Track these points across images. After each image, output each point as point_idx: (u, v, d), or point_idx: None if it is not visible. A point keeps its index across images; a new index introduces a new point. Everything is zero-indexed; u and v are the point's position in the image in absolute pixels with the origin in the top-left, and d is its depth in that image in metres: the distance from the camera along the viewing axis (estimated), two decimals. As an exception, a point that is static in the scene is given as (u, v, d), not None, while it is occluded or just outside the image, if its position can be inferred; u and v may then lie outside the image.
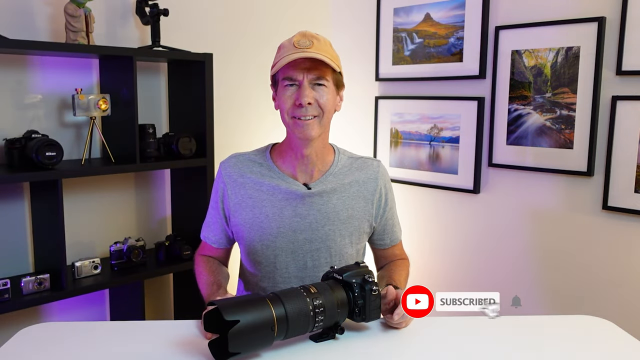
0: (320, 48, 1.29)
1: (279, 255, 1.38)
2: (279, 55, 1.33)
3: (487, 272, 2.32)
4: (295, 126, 1.31)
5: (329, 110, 1.33)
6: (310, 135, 1.31)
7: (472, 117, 2.29)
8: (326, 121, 1.34)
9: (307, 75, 1.28)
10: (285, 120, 1.34)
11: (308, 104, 1.28)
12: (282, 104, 1.32)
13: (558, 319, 1.34)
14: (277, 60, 1.32)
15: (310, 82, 1.29)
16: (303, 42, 1.29)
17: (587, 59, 1.95)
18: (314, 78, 1.29)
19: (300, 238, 1.37)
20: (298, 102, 1.28)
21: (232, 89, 2.47)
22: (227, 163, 1.44)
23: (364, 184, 1.43)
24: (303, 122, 1.30)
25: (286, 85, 1.31)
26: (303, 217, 1.37)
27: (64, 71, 1.99)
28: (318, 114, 1.31)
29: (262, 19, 2.56)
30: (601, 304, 2.00)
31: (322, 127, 1.34)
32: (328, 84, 1.31)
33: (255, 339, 1.02)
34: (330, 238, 1.38)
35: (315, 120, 1.31)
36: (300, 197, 1.36)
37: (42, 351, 1.11)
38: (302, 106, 1.28)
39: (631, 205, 1.89)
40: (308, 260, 1.39)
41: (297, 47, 1.28)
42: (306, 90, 1.28)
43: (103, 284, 1.94)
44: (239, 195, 1.40)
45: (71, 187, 2.03)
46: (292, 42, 1.30)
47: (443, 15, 2.37)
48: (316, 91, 1.30)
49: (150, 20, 2.06)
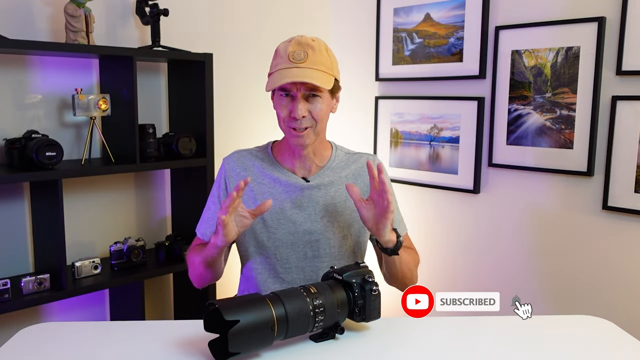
0: (314, 60, 1.31)
1: (279, 246, 1.41)
2: (274, 64, 1.35)
3: (487, 272, 2.32)
4: (290, 136, 1.37)
5: (322, 119, 1.36)
6: (305, 143, 1.37)
7: (472, 117, 2.29)
8: (320, 129, 1.38)
9: (301, 88, 1.31)
10: (281, 127, 1.39)
11: (302, 117, 1.32)
12: (278, 112, 1.37)
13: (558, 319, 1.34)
14: (272, 71, 1.35)
15: (304, 95, 1.32)
16: (297, 54, 1.30)
17: (587, 59, 1.95)
18: (307, 91, 1.32)
19: (300, 229, 1.41)
20: (292, 115, 1.32)
21: (232, 89, 2.47)
22: (230, 158, 1.49)
23: (360, 176, 1.46)
24: (297, 133, 1.34)
25: (281, 95, 1.34)
26: (302, 208, 1.41)
27: (64, 71, 1.99)
28: (312, 125, 1.35)
29: (262, 19, 2.56)
30: (601, 304, 2.00)
31: (317, 135, 1.38)
32: (323, 94, 1.34)
33: (255, 339, 1.02)
34: (329, 229, 1.42)
35: (309, 130, 1.35)
36: (299, 189, 1.41)
37: (42, 351, 1.11)
38: (297, 119, 1.32)
39: (631, 205, 1.89)
40: (308, 251, 1.42)
41: (292, 61, 1.30)
42: (299, 104, 1.31)
43: (103, 284, 1.94)
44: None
45: (71, 187, 2.03)
46: (288, 54, 1.31)
47: (443, 15, 2.37)
48: (310, 102, 1.33)
49: (150, 20, 2.06)
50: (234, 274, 1.69)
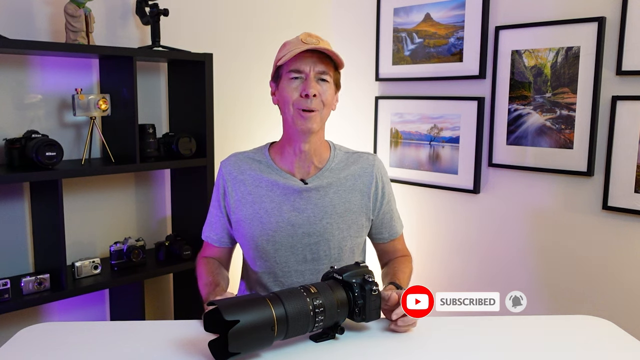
0: (326, 45, 1.36)
1: (279, 249, 1.40)
2: (285, 49, 1.37)
3: (487, 272, 2.32)
4: (298, 117, 1.36)
5: (328, 106, 1.39)
6: (312, 127, 1.36)
7: (472, 117, 2.29)
8: (325, 116, 1.39)
9: (313, 68, 1.34)
10: (287, 113, 1.38)
11: (313, 95, 1.33)
12: (286, 95, 1.36)
13: (558, 319, 1.34)
14: (284, 54, 1.36)
15: (316, 76, 1.35)
16: (309, 39, 1.34)
17: (587, 59, 1.95)
18: (319, 72, 1.35)
19: (299, 232, 1.40)
20: (305, 92, 1.33)
21: (232, 89, 2.47)
22: (227, 162, 1.48)
23: (360, 177, 1.46)
24: (307, 115, 1.34)
25: (292, 78, 1.35)
26: (301, 211, 1.40)
27: (64, 71, 1.99)
28: (319, 109, 1.36)
29: (262, 19, 2.56)
30: (601, 304, 2.00)
31: (322, 122, 1.39)
32: (330, 81, 1.37)
33: (255, 339, 1.02)
34: (328, 231, 1.41)
35: (317, 114, 1.36)
36: (298, 192, 1.40)
37: (42, 351, 1.11)
38: (309, 97, 1.33)
39: (631, 205, 1.89)
40: (307, 254, 1.41)
41: (305, 43, 1.33)
42: (312, 82, 1.34)
43: (103, 284, 1.94)
44: (239, 192, 1.43)
45: (71, 187, 2.03)
46: (299, 39, 1.35)
47: (443, 15, 2.37)
48: (320, 85, 1.35)
49: (150, 20, 2.06)
50: (234, 274, 1.69)
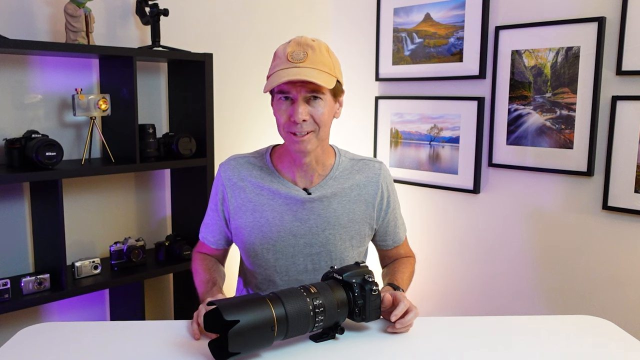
0: (314, 60, 1.24)
1: (279, 258, 1.37)
2: (273, 66, 1.28)
3: (487, 272, 2.32)
4: (290, 142, 1.28)
5: (325, 124, 1.28)
6: (307, 150, 1.28)
7: (472, 117, 2.29)
8: (323, 134, 1.30)
9: (301, 90, 1.23)
10: (281, 133, 1.31)
11: (303, 120, 1.24)
12: (277, 116, 1.28)
13: (558, 319, 1.34)
14: (270, 73, 1.27)
15: (305, 97, 1.24)
16: (297, 54, 1.23)
17: (587, 59, 1.95)
18: (308, 92, 1.24)
19: (301, 242, 1.36)
20: (292, 119, 1.24)
21: (232, 89, 2.47)
22: (226, 166, 1.41)
23: (365, 187, 1.40)
24: (298, 139, 1.26)
25: (280, 99, 1.26)
26: (303, 221, 1.35)
27: (64, 71, 1.99)
28: (314, 129, 1.27)
29: (262, 19, 2.56)
30: (601, 304, 2.00)
31: (319, 140, 1.30)
32: (324, 97, 1.26)
33: (255, 339, 1.02)
34: (330, 242, 1.37)
35: (311, 135, 1.27)
36: (301, 202, 1.35)
37: (42, 351, 1.11)
38: (296, 123, 1.24)
39: (631, 205, 1.89)
40: (308, 264, 1.38)
41: (291, 61, 1.23)
42: (300, 107, 1.23)
43: (103, 284, 1.94)
44: (239, 199, 1.38)
45: (71, 187, 2.03)
46: (286, 54, 1.24)
47: (443, 15, 2.37)
48: (312, 106, 1.25)
49: (150, 20, 2.06)
50: (234, 274, 1.69)
